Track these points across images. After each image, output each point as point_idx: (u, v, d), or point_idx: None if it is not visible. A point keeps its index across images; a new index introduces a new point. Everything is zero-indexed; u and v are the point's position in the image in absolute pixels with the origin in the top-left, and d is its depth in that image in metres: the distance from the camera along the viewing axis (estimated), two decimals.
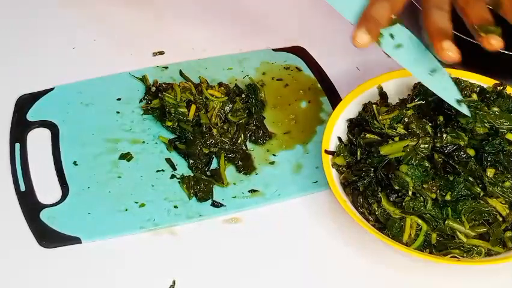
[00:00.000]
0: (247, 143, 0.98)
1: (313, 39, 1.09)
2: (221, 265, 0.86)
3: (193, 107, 0.97)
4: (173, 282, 0.84)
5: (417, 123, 0.88)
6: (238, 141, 0.97)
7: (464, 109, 0.87)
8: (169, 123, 0.97)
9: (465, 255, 0.83)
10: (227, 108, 0.98)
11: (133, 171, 0.94)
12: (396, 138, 0.88)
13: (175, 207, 0.90)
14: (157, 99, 0.99)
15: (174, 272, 0.85)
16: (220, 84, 1.02)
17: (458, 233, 0.83)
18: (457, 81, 0.93)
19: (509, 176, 0.85)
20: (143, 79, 1.03)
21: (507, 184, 0.84)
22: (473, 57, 1.01)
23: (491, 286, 0.86)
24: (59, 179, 0.92)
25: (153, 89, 1.01)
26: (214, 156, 0.95)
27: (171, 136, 0.97)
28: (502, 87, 0.93)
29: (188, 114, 0.97)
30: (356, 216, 0.84)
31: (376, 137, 0.90)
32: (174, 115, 0.97)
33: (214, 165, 0.95)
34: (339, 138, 0.93)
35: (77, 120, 0.99)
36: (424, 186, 0.85)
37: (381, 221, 0.86)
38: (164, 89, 1.00)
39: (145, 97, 1.01)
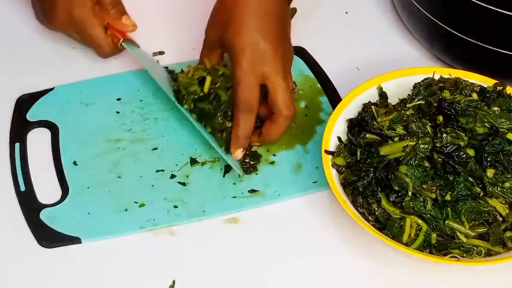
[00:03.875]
0: None
1: (314, 39, 1.08)
2: (221, 265, 0.86)
3: (209, 79, 0.94)
4: (173, 282, 0.84)
5: (417, 123, 0.88)
6: None
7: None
8: (186, 106, 0.95)
9: (465, 255, 0.83)
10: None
11: (133, 171, 0.94)
12: (396, 139, 0.88)
13: (175, 207, 0.90)
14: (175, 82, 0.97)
15: (174, 272, 0.85)
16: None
17: (458, 233, 0.83)
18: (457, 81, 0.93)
19: (509, 176, 0.85)
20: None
21: (507, 184, 0.84)
22: (473, 57, 1.01)
23: (491, 286, 0.86)
24: (59, 179, 0.92)
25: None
26: None
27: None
28: (502, 87, 0.93)
29: (202, 89, 0.94)
30: (356, 216, 0.84)
31: (376, 137, 0.90)
32: (188, 96, 0.94)
33: None
34: (339, 138, 0.93)
35: (77, 120, 0.99)
36: (424, 186, 0.84)
37: (381, 221, 0.85)
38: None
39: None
